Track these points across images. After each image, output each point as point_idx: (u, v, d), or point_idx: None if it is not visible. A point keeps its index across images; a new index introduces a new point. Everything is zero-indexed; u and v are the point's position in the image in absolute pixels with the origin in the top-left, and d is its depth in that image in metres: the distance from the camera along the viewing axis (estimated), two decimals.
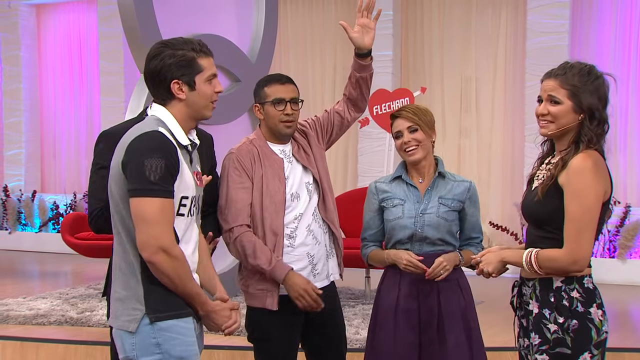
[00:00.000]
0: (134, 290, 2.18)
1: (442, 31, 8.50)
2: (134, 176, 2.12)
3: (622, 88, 7.71)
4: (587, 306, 2.27)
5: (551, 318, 2.27)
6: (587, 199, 2.21)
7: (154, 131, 2.17)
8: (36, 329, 4.90)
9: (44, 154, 10.57)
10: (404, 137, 2.90)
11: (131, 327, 2.16)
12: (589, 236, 2.23)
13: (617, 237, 7.15)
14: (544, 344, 2.27)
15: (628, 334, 4.99)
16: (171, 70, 2.22)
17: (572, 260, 2.23)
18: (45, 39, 10.49)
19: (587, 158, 2.24)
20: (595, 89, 2.31)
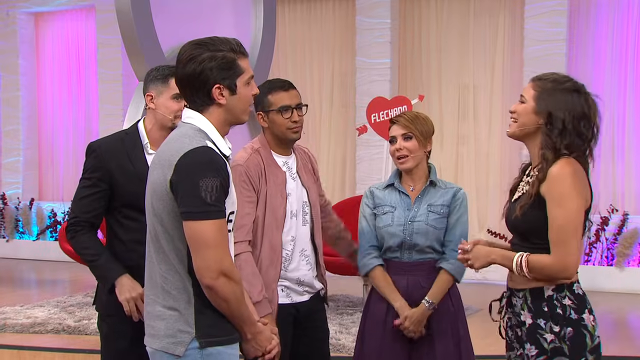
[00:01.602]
0: (183, 312, 2.05)
1: (440, 39, 8.52)
2: (188, 197, 1.98)
3: (619, 96, 7.73)
4: (579, 312, 2.27)
5: (547, 328, 2.26)
6: (570, 205, 2.21)
7: (204, 147, 2.02)
8: (33, 338, 4.89)
9: (42, 162, 10.56)
10: (396, 144, 2.90)
11: (178, 351, 2.04)
12: (575, 243, 2.22)
13: (615, 245, 7.14)
14: (542, 354, 2.26)
15: (626, 342, 4.99)
16: (213, 74, 2.06)
17: (562, 268, 2.22)
18: (44, 47, 10.50)
19: (566, 165, 2.24)
20: (564, 98, 2.29)
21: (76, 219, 2.70)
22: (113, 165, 2.69)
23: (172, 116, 2.73)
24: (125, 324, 2.64)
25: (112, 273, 2.64)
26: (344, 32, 8.85)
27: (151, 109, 2.77)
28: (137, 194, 2.66)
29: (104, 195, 2.70)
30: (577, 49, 7.87)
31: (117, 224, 2.72)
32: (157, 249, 2.11)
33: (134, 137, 2.77)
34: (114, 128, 8.93)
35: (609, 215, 7.20)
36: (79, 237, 2.69)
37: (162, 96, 2.74)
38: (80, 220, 2.69)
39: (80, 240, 2.69)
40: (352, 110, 8.73)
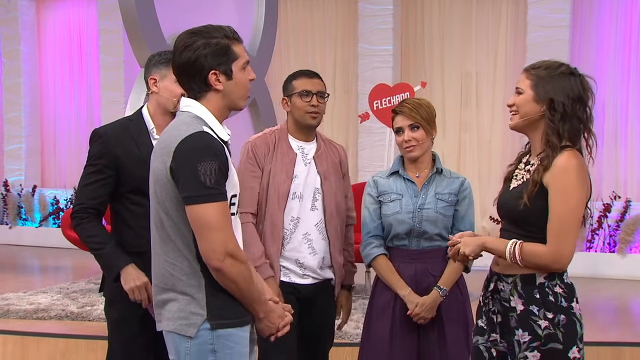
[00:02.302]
0: (194, 295, 2.09)
1: (443, 25, 8.49)
2: (188, 182, 2.02)
3: (622, 83, 7.71)
4: (569, 301, 2.28)
5: (540, 314, 2.27)
6: (572, 199, 2.22)
7: (200, 132, 2.05)
8: (37, 324, 4.91)
9: (44, 149, 10.56)
10: (404, 135, 2.90)
11: (190, 332, 2.08)
12: (573, 236, 2.23)
13: (617, 231, 7.15)
14: (535, 340, 2.26)
15: (628, 329, 5.00)
16: (208, 60, 2.09)
17: (555, 259, 2.23)
18: (45, 34, 10.48)
19: (572, 157, 2.24)
20: (562, 82, 2.30)
21: (82, 206, 2.69)
22: (119, 151, 2.68)
23: (176, 99, 2.72)
24: (134, 310, 2.66)
25: (117, 262, 2.64)
26: (346, 19, 8.81)
27: (154, 92, 2.77)
28: (144, 179, 2.67)
29: (110, 182, 2.69)
30: (580, 35, 7.83)
31: (124, 210, 2.72)
32: (163, 237, 2.13)
33: (139, 123, 2.76)
34: (116, 115, 8.92)
35: (611, 202, 7.19)
36: (84, 224, 2.68)
37: (166, 79, 2.74)
38: (86, 207, 2.69)
39: (86, 228, 2.68)
40: (354, 97, 8.71)
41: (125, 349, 2.71)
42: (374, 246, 2.94)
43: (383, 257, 2.92)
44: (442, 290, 2.84)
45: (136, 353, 2.72)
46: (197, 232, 2.05)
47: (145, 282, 2.60)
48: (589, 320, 5.19)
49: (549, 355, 2.25)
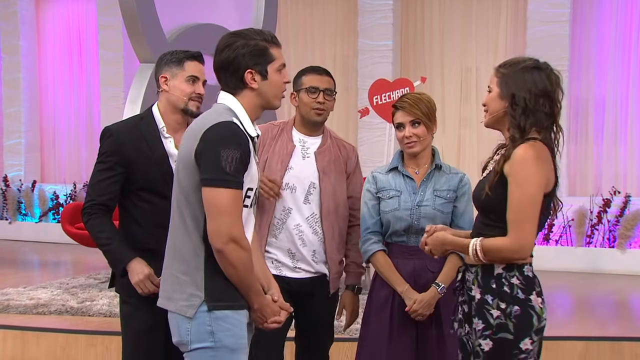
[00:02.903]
0: (194, 277, 2.19)
1: (443, 21, 8.48)
2: (209, 166, 2.13)
3: (622, 78, 7.70)
4: (527, 293, 2.30)
5: (494, 304, 2.31)
6: (529, 188, 2.24)
7: (230, 121, 2.17)
8: (37, 319, 4.91)
9: (44, 144, 10.56)
10: (405, 131, 2.89)
11: (189, 313, 2.18)
12: (532, 225, 2.26)
13: (616, 227, 7.15)
14: (487, 329, 2.31)
15: (627, 324, 5.00)
16: (245, 60, 2.23)
17: (516, 249, 2.26)
18: (45, 29, 10.47)
19: (529, 148, 2.27)
20: (524, 77, 2.33)
21: (92, 202, 2.72)
22: (130, 150, 2.71)
23: (187, 98, 2.76)
24: (145, 305, 2.68)
25: (123, 257, 2.68)
26: (346, 14, 8.80)
27: (164, 91, 2.79)
28: (154, 178, 2.70)
29: (120, 179, 2.71)
30: (580, 30, 7.82)
31: (134, 208, 2.74)
32: (180, 216, 2.24)
33: (149, 122, 2.78)
34: (115, 110, 8.94)
35: (611, 197, 7.19)
36: (94, 220, 2.71)
37: (177, 78, 2.77)
38: (96, 204, 2.71)
39: (95, 224, 2.71)
40: (354, 93, 8.71)
41: (138, 343, 2.74)
42: (372, 242, 2.94)
43: (382, 253, 2.92)
44: (441, 288, 2.84)
45: (149, 347, 2.74)
46: (207, 213, 2.15)
47: (147, 273, 2.64)
48: (589, 315, 5.23)
49: (499, 345, 2.29)
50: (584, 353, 4.23)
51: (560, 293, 6.34)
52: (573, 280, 6.72)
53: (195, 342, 2.19)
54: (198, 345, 2.18)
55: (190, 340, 2.19)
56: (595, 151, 7.85)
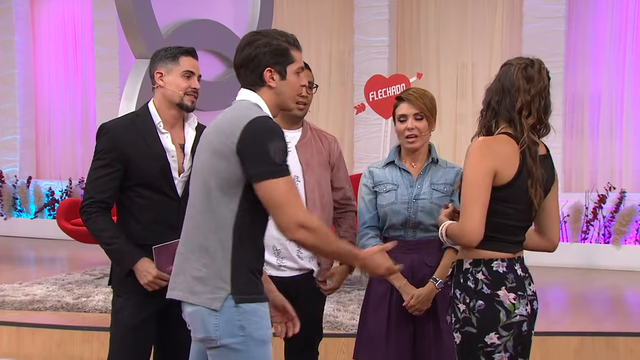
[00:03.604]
0: (219, 270, 2.19)
1: (438, 17, 8.48)
2: (257, 160, 2.14)
3: (618, 74, 7.71)
4: (493, 288, 2.32)
5: (461, 298, 2.36)
6: (468, 177, 2.30)
7: (265, 116, 2.21)
8: (32, 315, 4.91)
9: (39, 140, 10.54)
10: (407, 123, 2.88)
11: (214, 305, 2.17)
12: (472, 212, 2.28)
13: (612, 222, 7.17)
14: (457, 322, 2.37)
15: (623, 319, 5.02)
16: (266, 58, 2.26)
17: (461, 233, 2.32)
18: (40, 24, 10.43)
19: (476, 142, 2.35)
20: (500, 75, 2.40)
21: (91, 200, 2.70)
22: (127, 146, 2.70)
23: (182, 93, 2.76)
24: (139, 299, 2.69)
25: (129, 257, 2.67)
26: (342, 10, 8.79)
27: (160, 86, 2.79)
28: (152, 173, 2.70)
29: (118, 176, 2.71)
30: (576, 27, 7.83)
31: (131, 203, 2.74)
32: (206, 208, 2.22)
33: (145, 118, 2.78)
34: (110, 106, 8.92)
35: (606, 193, 7.21)
36: (95, 219, 2.70)
37: (172, 74, 2.78)
38: (96, 201, 2.70)
39: (96, 222, 2.70)
40: (350, 89, 8.71)
41: (126, 337, 2.74)
42: (369, 237, 2.93)
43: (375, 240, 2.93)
44: (438, 283, 2.84)
45: (138, 342, 2.74)
46: (270, 208, 2.17)
47: (155, 275, 2.65)
48: (584, 311, 5.24)
49: (466, 338, 2.35)
50: (579, 348, 4.24)
51: (555, 288, 6.35)
52: (568, 275, 6.74)
53: (225, 337, 2.17)
54: (228, 340, 2.17)
55: (220, 336, 2.18)
56: (591, 147, 7.87)
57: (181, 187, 2.77)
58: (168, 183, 2.74)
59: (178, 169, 2.77)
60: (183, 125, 2.84)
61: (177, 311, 2.78)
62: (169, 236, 2.69)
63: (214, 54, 5.72)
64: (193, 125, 2.85)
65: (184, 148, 2.80)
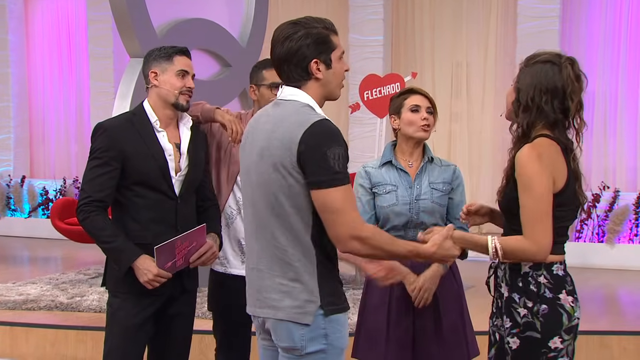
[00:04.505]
0: (307, 283, 2.13)
1: (433, 16, 8.48)
2: (317, 168, 2.06)
3: (612, 73, 7.73)
4: (555, 292, 2.28)
5: (520, 302, 2.29)
6: (537, 189, 2.20)
7: (324, 119, 2.12)
8: (26, 314, 4.90)
9: (33, 139, 10.51)
10: (421, 113, 2.89)
11: (306, 320, 2.13)
12: (544, 225, 2.21)
13: (606, 221, 7.19)
14: (515, 327, 2.29)
15: (616, 318, 5.04)
16: (310, 50, 2.16)
17: (534, 251, 2.22)
18: (33, 23, 10.40)
19: (532, 149, 2.23)
20: (532, 72, 2.27)
21: (89, 199, 2.68)
22: (125, 144, 2.70)
23: (177, 92, 2.76)
24: (136, 300, 2.69)
25: (128, 256, 2.66)
26: (337, 9, 8.79)
27: (154, 86, 2.79)
28: (150, 172, 2.70)
29: (115, 175, 2.70)
30: (570, 26, 7.85)
31: (128, 202, 2.73)
32: (279, 224, 2.14)
33: (142, 117, 2.78)
34: (105, 105, 8.89)
35: (600, 192, 7.23)
36: (93, 218, 2.68)
37: (167, 73, 2.77)
38: (93, 200, 2.68)
39: (94, 221, 2.68)
40: (344, 88, 8.60)
41: (122, 338, 2.73)
42: None
43: None
44: (444, 266, 2.82)
45: (133, 343, 2.74)
46: (324, 217, 2.09)
47: (155, 273, 2.64)
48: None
49: (527, 343, 2.27)
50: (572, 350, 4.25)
51: None
52: None
53: (310, 347, 2.14)
54: (312, 349, 2.14)
55: (305, 346, 2.14)
56: (585, 146, 7.81)
57: (178, 186, 2.77)
58: (166, 182, 2.73)
59: (175, 168, 2.76)
60: (177, 125, 2.84)
61: (170, 312, 2.80)
62: (167, 235, 2.69)
63: (208, 53, 5.71)
64: (188, 125, 2.85)
65: (180, 147, 2.80)
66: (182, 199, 2.78)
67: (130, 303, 2.70)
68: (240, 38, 6.09)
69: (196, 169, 2.83)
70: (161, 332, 2.82)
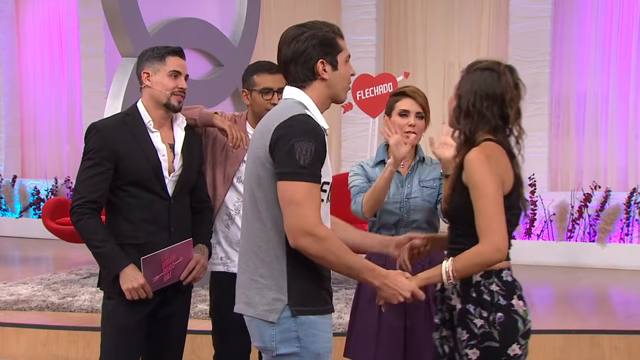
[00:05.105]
0: (277, 280, 2.13)
1: (425, 16, 8.50)
2: (283, 159, 2.07)
3: (603, 73, 7.76)
4: (508, 299, 2.27)
5: (476, 313, 2.27)
6: (487, 191, 2.19)
7: (303, 114, 2.13)
8: (17, 315, 4.87)
9: (24, 139, 10.46)
10: (409, 119, 2.88)
11: (271, 318, 2.12)
12: (500, 225, 2.18)
13: (597, 221, 7.21)
14: (473, 338, 2.27)
15: (607, 317, 5.06)
16: (316, 50, 2.19)
17: (491, 251, 2.18)
18: (25, 22, 10.35)
19: (480, 151, 2.23)
20: (472, 79, 2.28)
21: (83, 200, 2.67)
22: (118, 145, 2.69)
23: (169, 92, 2.76)
24: (130, 302, 2.68)
25: (116, 263, 2.65)
26: (329, 9, 8.79)
27: (147, 86, 2.79)
28: (144, 173, 2.69)
29: (109, 175, 2.69)
30: (561, 26, 7.88)
31: (121, 202, 2.72)
32: (255, 217, 2.17)
33: (135, 117, 2.77)
34: (97, 105, 8.86)
35: (591, 192, 7.26)
36: (86, 220, 2.66)
37: (159, 74, 2.77)
38: (87, 201, 2.66)
39: (87, 224, 2.66)
40: None
41: (117, 340, 2.73)
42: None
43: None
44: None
45: (128, 345, 2.73)
46: (282, 208, 2.08)
47: (141, 283, 2.64)
48: (569, 309, 5.27)
49: (486, 353, 2.24)
50: (564, 346, 4.27)
51: (541, 287, 6.39)
52: (554, 274, 6.78)
53: (281, 348, 2.13)
54: (283, 351, 2.13)
55: (275, 347, 2.14)
56: (576, 146, 7.92)
57: (172, 186, 2.76)
58: (159, 182, 2.73)
59: (168, 168, 2.76)
60: (172, 126, 2.83)
61: (166, 313, 2.80)
62: (159, 236, 2.69)
63: (200, 52, 5.70)
64: (182, 125, 2.85)
65: (174, 148, 2.80)
66: (175, 200, 2.77)
67: (124, 304, 2.69)
68: (233, 38, 6.08)
69: (190, 169, 2.82)
70: (156, 333, 2.82)
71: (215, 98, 5.73)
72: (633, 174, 7.70)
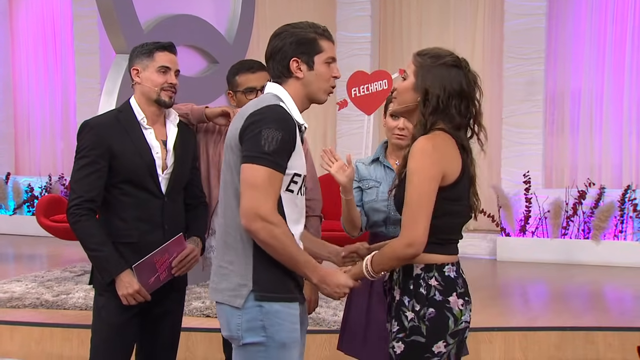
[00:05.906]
0: (242, 266, 2.16)
1: (420, 13, 8.49)
2: (248, 143, 2.13)
3: (597, 70, 7.78)
4: (445, 295, 2.21)
5: (409, 306, 2.22)
6: (417, 181, 2.14)
7: (276, 104, 2.18)
8: (11, 312, 4.86)
9: (18, 136, 10.42)
10: (400, 122, 2.87)
11: (237, 303, 2.15)
12: (423, 218, 2.14)
13: (591, 218, 7.23)
14: (401, 331, 2.23)
15: (601, 314, 5.07)
16: (291, 48, 2.24)
17: (406, 244, 2.15)
18: (18, 19, 10.31)
19: (427, 141, 2.18)
20: (442, 73, 2.23)
21: (79, 199, 2.65)
22: (112, 142, 2.67)
23: (158, 88, 2.75)
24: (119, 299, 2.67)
25: (112, 268, 2.64)
26: (324, 6, 8.78)
27: (137, 83, 2.78)
28: (136, 170, 2.68)
29: (103, 173, 2.67)
30: (557, 23, 7.89)
31: (115, 201, 2.70)
32: (227, 204, 2.22)
33: (128, 114, 2.76)
34: (91, 101, 8.84)
35: (586, 189, 7.27)
36: (83, 222, 2.64)
37: (148, 70, 2.76)
38: (84, 201, 2.64)
39: (85, 226, 2.65)
40: None
41: (107, 336, 2.72)
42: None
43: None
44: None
45: (118, 341, 2.72)
46: (241, 191, 2.13)
47: (136, 289, 2.63)
48: (564, 306, 5.28)
49: (411, 348, 2.20)
50: (559, 343, 4.28)
51: (535, 284, 6.40)
52: (548, 271, 6.79)
53: (247, 337, 2.16)
54: (249, 340, 2.16)
55: (241, 336, 2.17)
56: (571, 143, 7.93)
57: (165, 184, 2.75)
58: (153, 180, 2.71)
59: (162, 165, 2.75)
60: (165, 122, 2.82)
61: (158, 311, 2.79)
62: (153, 234, 2.68)
63: (195, 49, 5.69)
64: (175, 122, 2.83)
65: (167, 144, 2.78)
66: (169, 197, 2.76)
67: (115, 301, 2.68)
68: (227, 35, 6.07)
69: (183, 166, 2.81)
70: (149, 330, 2.81)
71: (210, 95, 5.71)
72: (627, 171, 7.72)
